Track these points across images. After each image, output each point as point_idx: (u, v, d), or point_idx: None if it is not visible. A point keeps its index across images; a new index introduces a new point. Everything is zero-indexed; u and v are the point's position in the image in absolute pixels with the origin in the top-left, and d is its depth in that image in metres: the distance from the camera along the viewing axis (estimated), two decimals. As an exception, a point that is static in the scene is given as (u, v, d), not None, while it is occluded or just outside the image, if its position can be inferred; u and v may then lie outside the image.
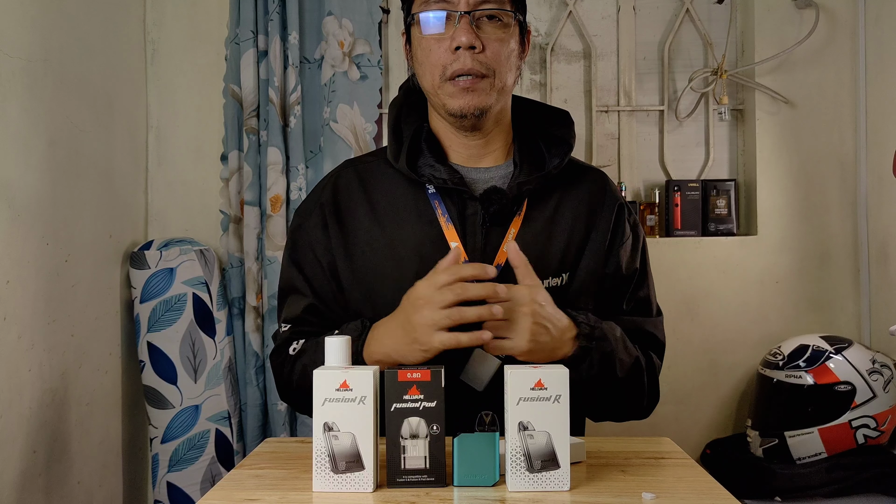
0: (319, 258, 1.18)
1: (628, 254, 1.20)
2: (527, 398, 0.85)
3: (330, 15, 2.10)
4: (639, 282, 1.21)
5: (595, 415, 1.20)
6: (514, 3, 1.13)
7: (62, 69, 1.71)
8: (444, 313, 0.95)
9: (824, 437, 1.88)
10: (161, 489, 1.95)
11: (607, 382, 1.08)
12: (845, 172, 2.26)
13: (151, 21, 2.19)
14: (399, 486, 0.87)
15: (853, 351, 1.93)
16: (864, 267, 2.22)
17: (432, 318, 0.95)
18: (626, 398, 1.14)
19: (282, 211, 2.06)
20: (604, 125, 2.36)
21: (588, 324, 1.06)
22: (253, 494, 0.88)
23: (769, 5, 2.26)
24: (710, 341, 2.25)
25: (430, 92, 1.14)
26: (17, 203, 1.52)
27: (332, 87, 2.10)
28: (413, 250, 1.13)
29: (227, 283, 2.11)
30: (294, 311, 1.18)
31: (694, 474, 0.94)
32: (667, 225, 2.29)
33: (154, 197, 2.19)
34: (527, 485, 0.86)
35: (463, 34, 1.07)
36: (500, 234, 1.13)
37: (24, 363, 1.55)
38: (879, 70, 2.16)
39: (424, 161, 1.15)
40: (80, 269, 1.77)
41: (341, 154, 2.08)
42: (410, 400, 0.87)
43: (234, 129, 2.11)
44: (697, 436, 2.24)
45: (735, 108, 2.35)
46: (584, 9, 2.36)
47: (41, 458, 1.60)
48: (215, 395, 1.98)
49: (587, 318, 1.07)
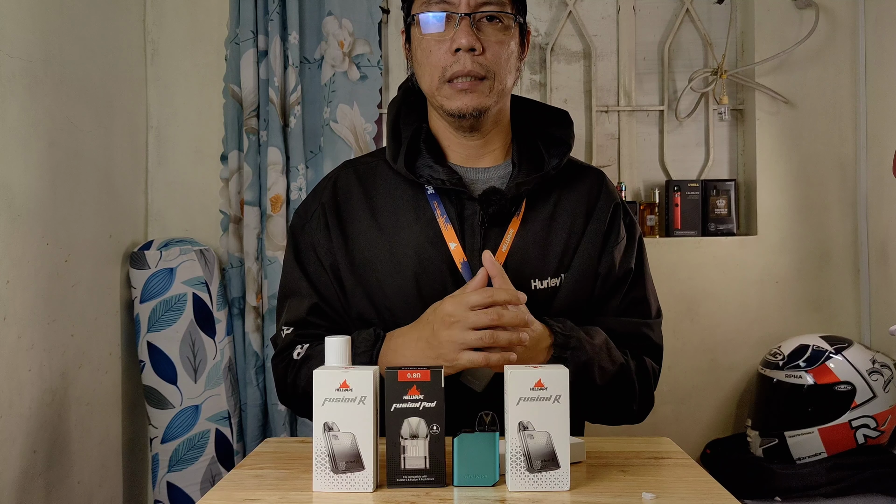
0: (322, 259, 1.18)
1: (622, 254, 1.19)
2: (527, 398, 0.86)
3: (330, 15, 2.10)
4: (633, 282, 1.20)
5: (584, 417, 1.20)
6: (514, 4, 1.13)
7: (62, 69, 1.71)
8: (476, 335, 0.97)
9: (824, 437, 1.88)
10: (161, 489, 1.95)
11: (586, 390, 1.08)
12: (845, 172, 2.26)
13: (151, 21, 2.19)
14: (399, 486, 0.87)
15: (853, 351, 1.93)
16: (864, 267, 2.22)
17: (463, 338, 0.97)
18: (610, 404, 1.14)
19: (282, 211, 2.06)
20: (604, 125, 2.36)
21: (563, 333, 1.06)
22: (253, 494, 0.88)
23: (769, 5, 2.26)
24: (710, 341, 2.25)
25: (429, 93, 1.14)
26: (17, 203, 1.52)
27: (332, 87, 2.10)
28: (412, 251, 1.13)
29: (227, 283, 2.11)
30: (297, 314, 1.18)
31: (694, 474, 0.94)
32: (667, 225, 2.29)
33: (154, 197, 2.19)
34: (527, 485, 0.86)
35: (463, 36, 1.07)
36: (498, 235, 1.13)
37: (24, 363, 1.55)
38: (879, 70, 2.16)
39: (423, 162, 1.15)
40: (80, 269, 1.77)
41: (341, 154, 2.08)
42: (410, 400, 0.87)
43: (234, 129, 2.11)
44: (697, 436, 2.24)
45: (735, 108, 2.35)
46: (584, 9, 2.36)
47: (41, 458, 1.60)
48: (215, 395, 1.98)
49: (563, 327, 1.07)
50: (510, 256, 1.12)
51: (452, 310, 0.98)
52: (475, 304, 0.97)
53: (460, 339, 0.97)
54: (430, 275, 1.11)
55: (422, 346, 1.01)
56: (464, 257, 1.11)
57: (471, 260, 1.12)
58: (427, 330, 1.02)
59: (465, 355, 0.97)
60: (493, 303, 0.98)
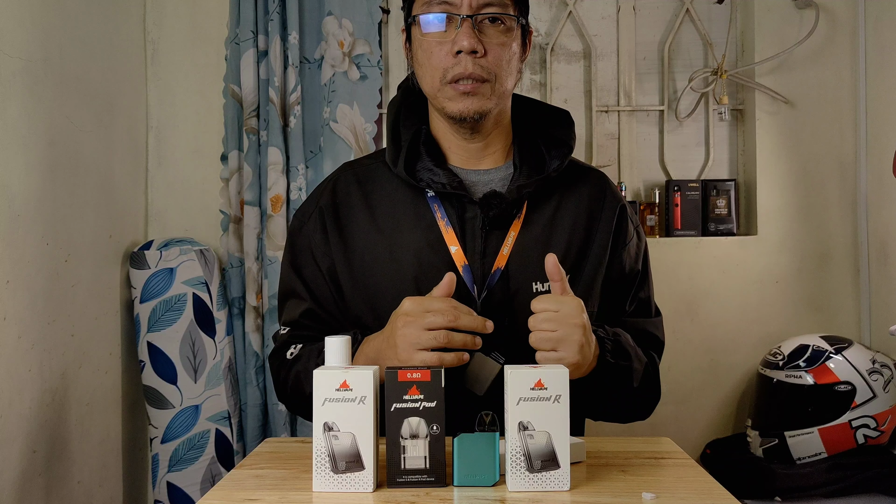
0: (318, 262, 1.17)
1: (632, 256, 1.20)
2: (527, 398, 0.85)
3: (330, 15, 2.10)
4: (640, 283, 1.21)
5: (600, 418, 1.20)
6: (516, 6, 1.12)
7: (62, 69, 1.71)
8: (430, 335, 0.96)
9: (824, 437, 1.88)
10: (161, 489, 1.95)
11: (625, 393, 1.10)
12: (845, 172, 2.26)
13: (151, 21, 2.19)
14: (399, 486, 0.87)
15: (853, 351, 1.93)
16: (864, 267, 2.22)
17: (417, 338, 0.97)
18: (638, 404, 1.16)
19: (282, 211, 2.06)
20: (604, 125, 2.36)
21: (608, 339, 1.07)
22: (253, 494, 0.88)
23: (769, 5, 2.26)
24: (710, 341, 2.25)
25: (430, 94, 1.14)
26: (17, 203, 1.52)
27: (331, 87, 2.10)
28: (412, 254, 1.12)
29: (227, 283, 2.11)
30: (293, 315, 1.19)
31: (694, 474, 0.94)
32: (667, 225, 2.29)
33: (154, 197, 2.19)
34: (527, 485, 0.86)
35: (464, 38, 1.06)
36: (499, 238, 1.13)
37: (24, 363, 1.55)
38: (879, 70, 2.16)
39: (423, 165, 1.14)
40: (80, 269, 1.77)
41: (341, 154, 2.08)
42: (410, 400, 0.87)
43: (234, 129, 2.11)
44: (697, 436, 2.24)
45: (735, 108, 2.35)
46: (584, 9, 2.36)
47: (41, 457, 1.60)
48: (215, 395, 1.98)
49: (606, 333, 1.08)
50: (511, 259, 1.12)
51: (410, 308, 0.99)
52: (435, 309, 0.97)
53: (414, 339, 0.97)
54: (430, 278, 1.10)
55: (384, 347, 1.01)
56: (465, 260, 1.11)
57: (471, 263, 1.11)
58: (388, 330, 1.02)
59: (418, 355, 0.96)
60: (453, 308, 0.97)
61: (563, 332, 0.96)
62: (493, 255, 1.12)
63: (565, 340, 0.96)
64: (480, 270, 1.11)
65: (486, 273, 1.11)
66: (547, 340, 0.96)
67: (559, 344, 0.96)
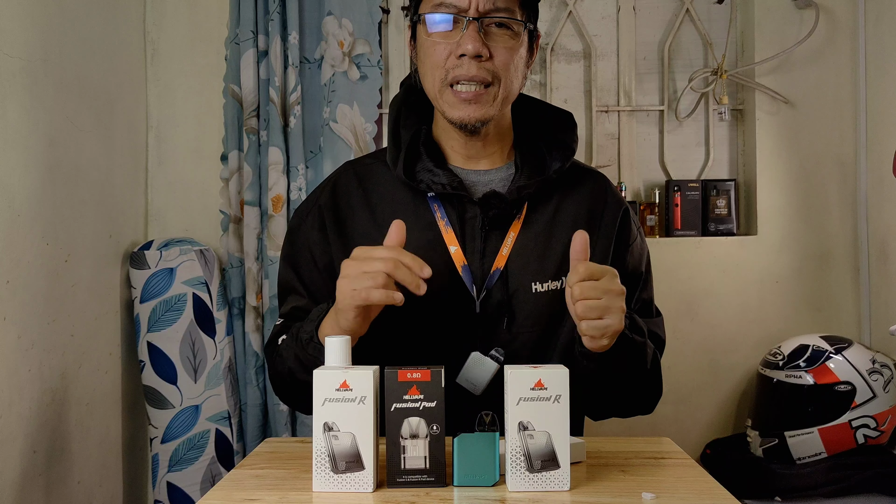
0: (316, 260, 1.17)
1: (635, 258, 1.20)
2: (527, 398, 0.85)
3: (330, 15, 2.10)
4: (643, 285, 1.21)
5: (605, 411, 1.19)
6: (525, 10, 1.11)
7: (62, 69, 1.71)
8: (367, 276, 0.93)
9: (824, 437, 1.88)
10: (161, 489, 1.95)
11: (638, 373, 1.08)
12: (845, 172, 2.26)
13: (151, 21, 2.19)
14: (399, 486, 0.87)
15: (853, 351, 1.93)
16: (864, 267, 2.22)
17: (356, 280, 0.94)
18: (647, 390, 1.15)
19: (283, 211, 2.06)
20: (604, 125, 2.36)
21: (628, 315, 1.05)
22: (253, 494, 0.88)
23: (769, 5, 2.26)
24: (710, 341, 2.25)
25: (432, 95, 1.13)
26: (17, 203, 1.52)
27: (331, 87, 2.10)
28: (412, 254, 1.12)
29: (227, 283, 2.11)
30: (289, 310, 1.19)
31: (694, 474, 0.94)
32: (667, 225, 2.29)
33: (154, 197, 2.19)
34: (527, 485, 0.86)
35: (469, 42, 1.06)
36: (499, 238, 1.13)
37: (24, 363, 1.55)
38: (879, 70, 2.16)
39: (423, 165, 1.14)
40: (80, 269, 1.77)
41: (341, 154, 2.08)
42: (410, 400, 0.87)
43: (234, 129, 2.11)
44: (697, 436, 2.24)
45: (735, 108, 2.35)
46: (584, 9, 2.36)
47: (41, 457, 1.60)
48: (215, 395, 1.98)
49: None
50: (511, 259, 1.12)
51: (355, 254, 0.97)
52: (374, 256, 0.94)
53: (355, 282, 0.94)
54: (429, 278, 1.10)
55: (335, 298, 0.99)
56: (464, 261, 1.11)
57: (471, 263, 1.11)
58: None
59: (358, 293, 0.93)
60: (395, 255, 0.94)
61: (608, 300, 0.95)
62: (493, 256, 1.12)
63: (610, 308, 0.95)
64: (480, 270, 1.11)
65: (486, 273, 1.11)
66: (594, 309, 0.94)
67: (605, 312, 0.95)
